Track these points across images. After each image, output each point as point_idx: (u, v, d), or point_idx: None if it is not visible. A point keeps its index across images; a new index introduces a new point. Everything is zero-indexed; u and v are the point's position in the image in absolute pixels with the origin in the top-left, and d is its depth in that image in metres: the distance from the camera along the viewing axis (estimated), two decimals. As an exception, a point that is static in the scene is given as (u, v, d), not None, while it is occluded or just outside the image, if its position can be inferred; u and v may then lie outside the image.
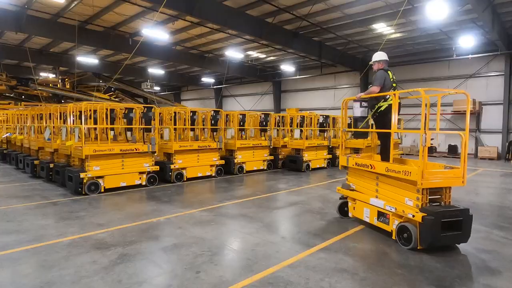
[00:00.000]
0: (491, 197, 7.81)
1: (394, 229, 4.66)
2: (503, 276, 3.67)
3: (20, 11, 13.45)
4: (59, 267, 3.74)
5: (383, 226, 4.89)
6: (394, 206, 4.60)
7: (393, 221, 4.69)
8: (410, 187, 4.42)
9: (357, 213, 5.41)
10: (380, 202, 4.87)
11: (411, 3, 11.78)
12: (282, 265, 3.83)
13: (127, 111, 8.66)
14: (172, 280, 3.47)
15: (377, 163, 4.96)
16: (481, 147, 17.09)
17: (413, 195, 4.36)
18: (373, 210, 5.04)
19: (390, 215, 4.72)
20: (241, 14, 13.43)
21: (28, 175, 10.01)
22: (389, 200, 4.78)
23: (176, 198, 7.33)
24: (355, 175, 5.55)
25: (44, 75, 26.05)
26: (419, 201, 4.27)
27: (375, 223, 5.03)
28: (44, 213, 5.99)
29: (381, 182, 4.99)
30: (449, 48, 17.28)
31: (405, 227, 4.41)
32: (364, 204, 5.22)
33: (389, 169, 4.69)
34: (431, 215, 4.11)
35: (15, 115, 13.25)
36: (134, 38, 17.06)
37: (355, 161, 5.38)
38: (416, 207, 4.31)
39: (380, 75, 5.33)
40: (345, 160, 5.63)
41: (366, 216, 5.19)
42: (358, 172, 5.44)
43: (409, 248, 4.32)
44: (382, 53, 5.58)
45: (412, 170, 4.28)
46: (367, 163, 5.12)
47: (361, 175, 5.40)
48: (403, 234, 4.44)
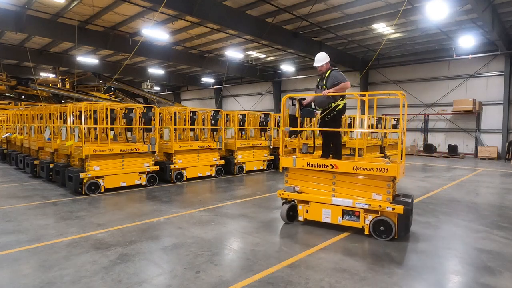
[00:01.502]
0: (491, 197, 7.80)
1: (366, 224, 4.76)
2: (503, 276, 3.67)
3: (20, 11, 13.44)
4: (59, 267, 3.74)
5: (350, 223, 4.88)
6: (368, 203, 4.69)
7: (365, 217, 4.76)
8: (379, 183, 4.70)
9: (313, 216, 5.16)
10: (347, 201, 4.84)
11: (411, 3, 11.78)
12: (282, 265, 3.83)
13: (127, 111, 8.66)
14: (172, 280, 3.47)
15: (340, 163, 4.92)
16: (481, 147, 17.09)
17: (383, 190, 4.68)
18: (336, 210, 4.96)
19: (361, 211, 4.77)
20: (241, 14, 13.43)
21: (28, 175, 10.01)
22: (353, 198, 4.83)
23: (176, 198, 7.33)
24: (302, 176, 5.29)
25: (44, 75, 26.06)
26: (390, 194, 4.64)
27: (339, 222, 4.96)
28: (44, 213, 5.99)
29: (339, 181, 4.97)
30: (449, 48, 17.28)
31: (382, 220, 4.66)
32: (323, 205, 5.05)
33: (357, 167, 4.73)
34: (407, 205, 4.53)
35: (15, 115, 13.25)
36: (134, 38, 17.06)
37: (306, 161, 5.13)
38: (387, 201, 4.64)
39: (340, 73, 5.31)
40: (289, 161, 5.29)
41: (326, 217, 5.04)
42: (307, 173, 5.22)
43: (388, 240, 4.61)
44: (326, 54, 5.45)
45: (389, 167, 4.56)
46: (326, 163, 4.98)
47: (311, 176, 5.20)
48: (379, 227, 4.68)
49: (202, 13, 11.98)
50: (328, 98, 5.25)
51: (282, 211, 5.37)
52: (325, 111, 5.37)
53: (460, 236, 5.01)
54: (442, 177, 10.62)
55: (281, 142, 5.72)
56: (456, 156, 17.25)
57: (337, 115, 5.34)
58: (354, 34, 16.46)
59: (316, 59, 5.44)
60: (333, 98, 5.25)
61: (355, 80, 21.76)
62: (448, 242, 4.72)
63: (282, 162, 5.34)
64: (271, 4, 12.52)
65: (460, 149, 17.98)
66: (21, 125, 12.03)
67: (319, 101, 5.41)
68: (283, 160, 5.34)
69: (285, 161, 5.33)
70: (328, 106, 5.31)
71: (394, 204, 4.55)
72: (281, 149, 5.56)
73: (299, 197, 5.25)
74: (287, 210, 5.31)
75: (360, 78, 20.67)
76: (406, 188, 8.68)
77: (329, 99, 5.26)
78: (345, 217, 4.91)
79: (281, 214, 5.39)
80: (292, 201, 5.38)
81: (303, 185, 5.29)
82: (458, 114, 17.94)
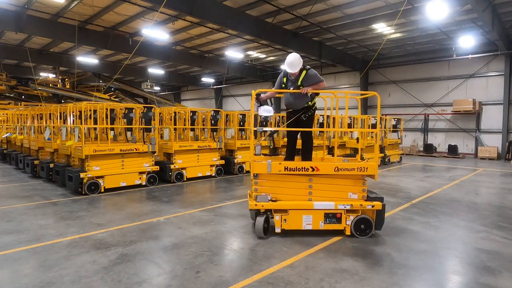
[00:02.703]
0: (491, 197, 7.80)
1: (348, 225, 4.74)
2: (503, 276, 3.67)
3: (20, 11, 13.45)
4: (59, 267, 3.74)
5: (332, 227, 4.75)
6: (349, 203, 4.69)
7: (346, 218, 4.74)
8: (355, 182, 4.76)
9: (292, 224, 4.72)
10: (329, 204, 4.69)
11: (411, 3, 11.78)
12: (282, 265, 3.83)
13: (127, 111, 8.66)
14: (172, 280, 3.47)
15: (321, 165, 4.73)
16: (481, 147, 17.09)
17: (359, 189, 4.77)
18: (318, 215, 4.73)
19: (343, 213, 4.72)
20: (241, 14, 13.43)
21: (28, 175, 10.00)
22: (334, 200, 4.73)
23: (176, 198, 7.33)
24: (276, 182, 4.75)
25: (44, 75, 26.06)
26: (365, 192, 4.77)
27: (321, 227, 4.75)
28: (44, 213, 5.99)
29: (316, 184, 4.76)
30: (449, 48, 17.28)
31: (363, 218, 4.74)
32: (304, 211, 4.71)
33: (339, 168, 4.68)
34: (382, 201, 4.74)
35: (15, 115, 13.25)
36: (134, 38, 17.06)
37: (283, 166, 4.66)
38: (363, 199, 4.75)
39: (316, 72, 5.06)
40: (262, 166, 4.63)
41: (307, 224, 4.72)
42: (283, 178, 4.74)
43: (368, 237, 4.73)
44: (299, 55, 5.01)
45: (368, 166, 4.69)
46: (306, 166, 4.67)
47: (286, 181, 4.76)
48: (360, 226, 4.75)
49: (202, 13, 11.99)
50: (306, 97, 5.01)
51: (258, 225, 4.63)
52: (300, 111, 5.11)
53: (460, 236, 5.01)
54: (442, 177, 10.61)
55: (251, 143, 5.35)
56: (456, 156, 17.25)
57: (312, 114, 5.21)
58: (354, 34, 16.46)
59: (291, 64, 4.90)
60: (310, 96, 5.04)
61: (355, 80, 21.78)
62: (448, 242, 4.72)
63: (255, 167, 4.62)
64: (271, 4, 12.52)
65: (460, 149, 17.98)
66: (21, 125, 12.03)
67: (297, 100, 5.08)
68: (256, 166, 4.63)
69: (257, 166, 4.62)
70: (305, 105, 5.09)
71: (373, 201, 4.71)
72: (252, 151, 5.07)
73: (276, 206, 4.67)
74: (263, 223, 4.64)
75: (360, 78, 20.68)
76: (406, 188, 8.69)
77: (307, 98, 5.03)
78: (326, 221, 4.75)
79: (257, 229, 4.65)
80: (267, 212, 4.75)
81: (277, 192, 4.76)
82: (458, 114, 17.94)
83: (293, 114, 5.22)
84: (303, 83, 4.97)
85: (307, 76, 4.99)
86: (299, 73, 4.98)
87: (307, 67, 5.03)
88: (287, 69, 4.97)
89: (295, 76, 5.02)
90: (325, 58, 18.81)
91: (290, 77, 5.09)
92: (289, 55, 4.98)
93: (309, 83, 4.96)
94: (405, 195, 7.83)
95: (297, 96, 5.03)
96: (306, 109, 5.12)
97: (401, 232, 5.09)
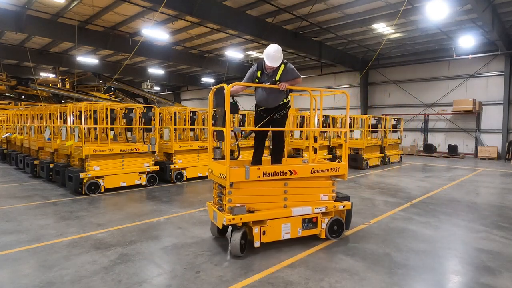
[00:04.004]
0: (491, 197, 7.80)
1: (323, 229, 4.59)
2: (503, 276, 3.67)
3: (20, 11, 13.44)
4: (59, 267, 3.74)
5: (309, 232, 4.52)
6: (324, 206, 4.55)
7: (322, 221, 4.57)
8: (326, 183, 4.66)
9: (271, 236, 4.26)
10: (306, 209, 4.42)
11: (411, 3, 11.78)
12: (282, 265, 3.83)
13: (127, 111, 8.67)
14: (172, 280, 3.47)
15: (298, 168, 4.39)
16: (481, 147, 17.09)
17: (329, 190, 4.67)
18: (296, 221, 4.41)
19: (319, 216, 4.53)
20: (241, 14, 13.43)
21: (28, 175, 10.00)
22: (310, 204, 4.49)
23: (176, 198, 7.33)
24: (252, 190, 4.18)
25: (44, 75, 26.07)
26: (334, 193, 4.71)
27: (299, 234, 4.44)
28: (44, 213, 5.99)
29: (291, 188, 4.41)
30: (449, 48, 17.28)
31: (336, 220, 4.68)
32: (282, 220, 4.31)
33: (315, 170, 4.48)
34: (349, 200, 4.79)
35: (15, 115, 13.26)
36: (134, 38, 17.07)
37: (262, 171, 4.14)
38: (333, 199, 4.69)
39: (293, 67, 4.58)
40: (240, 173, 3.99)
41: (285, 233, 4.34)
42: (259, 185, 4.22)
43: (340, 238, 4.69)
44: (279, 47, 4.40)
45: (340, 166, 4.66)
46: (284, 170, 4.28)
47: (262, 188, 4.26)
48: (333, 227, 4.67)
49: (202, 13, 11.99)
50: (282, 94, 4.52)
51: (235, 242, 3.98)
52: (275, 109, 4.64)
53: (460, 236, 5.01)
54: (442, 177, 10.61)
55: (209, 143, 4.68)
56: (456, 156, 17.25)
57: (287, 112, 4.79)
58: (354, 34, 16.46)
59: (273, 57, 4.31)
60: (286, 93, 4.58)
61: (355, 80, 21.77)
62: (448, 242, 4.72)
63: (232, 175, 3.93)
64: (271, 4, 12.52)
65: (460, 149, 17.97)
66: (21, 125, 12.03)
67: (272, 97, 4.53)
68: (233, 173, 3.94)
69: (235, 173, 3.96)
70: (281, 103, 4.62)
71: (342, 201, 4.71)
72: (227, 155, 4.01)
73: (256, 218, 4.14)
74: (240, 240, 3.99)
75: (360, 78, 20.68)
76: (406, 188, 8.69)
77: (283, 95, 4.55)
78: (303, 226, 4.48)
79: (234, 247, 3.99)
80: (244, 226, 4.14)
81: (253, 201, 4.21)
82: (458, 114, 17.93)
83: (265, 112, 4.70)
84: (281, 79, 4.45)
85: (285, 70, 4.47)
86: (278, 67, 4.43)
87: (284, 60, 4.50)
88: (267, 62, 4.35)
89: (273, 70, 4.47)
90: (325, 58, 18.81)
91: (266, 71, 4.50)
92: (269, 46, 4.37)
93: (287, 78, 4.48)
94: (405, 195, 7.83)
95: (272, 92, 4.48)
96: (280, 107, 4.66)
97: (401, 232, 5.10)
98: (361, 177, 10.58)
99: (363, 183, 9.41)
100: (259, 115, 4.75)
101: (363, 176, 10.80)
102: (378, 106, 21.64)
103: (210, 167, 4.51)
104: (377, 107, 21.61)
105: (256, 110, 4.83)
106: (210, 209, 4.50)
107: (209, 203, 4.64)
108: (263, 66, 4.50)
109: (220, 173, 4.12)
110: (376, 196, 7.63)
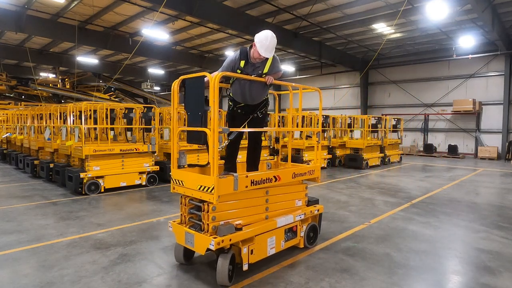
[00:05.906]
0: (491, 197, 7.80)
1: (302, 237, 4.21)
2: (503, 276, 3.67)
3: (20, 11, 13.44)
4: (59, 267, 3.74)
5: (291, 243, 4.09)
6: (303, 212, 4.18)
7: (301, 229, 4.20)
8: (300, 188, 4.32)
9: (259, 254, 3.64)
10: (288, 218, 3.97)
11: (411, 3, 11.78)
12: (282, 265, 3.83)
13: (127, 111, 8.67)
14: (172, 280, 3.47)
15: (281, 173, 3.93)
16: (481, 147, 17.09)
17: (302, 194, 4.35)
18: (280, 233, 3.90)
19: (298, 224, 4.14)
20: (241, 14, 13.43)
21: (28, 175, 10.00)
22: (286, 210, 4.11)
23: (176, 198, 7.32)
24: (235, 203, 3.57)
25: (44, 75, 26.06)
26: (307, 197, 4.41)
27: (282, 247, 3.97)
28: (44, 213, 5.99)
29: (272, 196, 3.93)
30: (449, 48, 17.28)
31: (312, 226, 4.40)
32: (268, 234, 3.74)
33: (296, 174, 4.11)
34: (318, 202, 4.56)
35: (15, 115, 13.25)
36: (134, 38, 17.06)
37: (250, 179, 3.49)
38: (305, 204, 4.40)
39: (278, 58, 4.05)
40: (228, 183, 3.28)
41: (271, 248, 3.80)
42: (243, 196, 3.62)
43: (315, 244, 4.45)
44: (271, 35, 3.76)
45: (315, 168, 4.36)
46: (269, 177, 3.73)
47: (245, 199, 3.66)
48: (310, 234, 4.38)
49: (202, 13, 11.99)
50: (267, 89, 4.02)
51: (223, 270, 3.24)
52: (256, 106, 4.09)
53: (460, 236, 5.01)
54: (442, 177, 10.61)
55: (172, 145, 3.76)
56: (456, 156, 17.25)
57: (267, 110, 4.30)
58: (354, 34, 16.47)
59: (269, 47, 3.69)
60: (267, 90, 4.08)
61: (355, 80, 21.78)
62: (448, 242, 4.72)
63: (221, 187, 3.20)
64: (271, 4, 12.52)
65: (460, 149, 17.98)
66: (21, 125, 12.03)
67: (256, 92, 3.95)
68: (222, 185, 3.22)
69: (223, 185, 3.23)
70: (263, 99, 4.12)
71: (316, 205, 4.48)
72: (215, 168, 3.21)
73: (246, 235, 3.47)
74: (229, 266, 3.28)
75: (360, 78, 20.68)
76: (406, 188, 8.68)
77: (267, 90, 4.06)
78: (285, 238, 4.00)
79: (222, 276, 3.25)
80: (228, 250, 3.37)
81: (238, 215, 3.59)
82: (458, 114, 17.93)
83: (243, 110, 4.07)
84: (269, 71, 3.91)
85: (273, 63, 3.92)
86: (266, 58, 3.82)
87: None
88: (261, 51, 3.67)
89: (261, 61, 3.85)
90: (325, 58, 18.81)
91: (252, 61, 3.84)
92: (264, 33, 3.73)
93: (273, 71, 3.97)
94: (405, 195, 7.83)
95: (257, 87, 3.91)
96: (262, 104, 4.12)
97: (401, 232, 5.10)
98: (361, 177, 10.58)
99: (363, 183, 9.41)
100: (237, 113, 4.09)
101: (363, 176, 10.80)
102: (378, 106, 21.63)
103: (178, 178, 3.58)
104: (377, 107, 21.61)
105: (231, 107, 4.14)
106: (179, 231, 3.58)
107: (173, 223, 3.69)
108: (248, 55, 3.82)
109: (200, 185, 3.30)
110: (376, 196, 7.63)
